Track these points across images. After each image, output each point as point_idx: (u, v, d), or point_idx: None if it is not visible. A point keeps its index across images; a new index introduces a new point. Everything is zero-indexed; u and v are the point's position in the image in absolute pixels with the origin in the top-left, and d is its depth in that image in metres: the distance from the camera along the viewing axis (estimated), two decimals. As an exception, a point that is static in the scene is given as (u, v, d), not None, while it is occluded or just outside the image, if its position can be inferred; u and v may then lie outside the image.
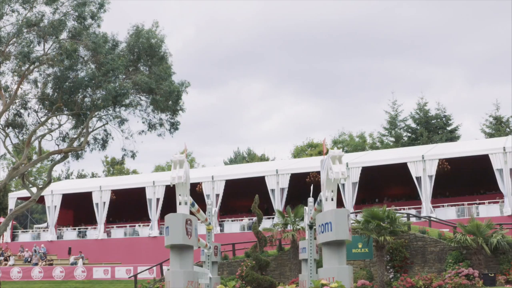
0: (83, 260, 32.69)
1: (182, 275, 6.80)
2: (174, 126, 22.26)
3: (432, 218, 23.33)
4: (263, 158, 56.76)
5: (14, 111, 21.73)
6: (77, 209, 39.34)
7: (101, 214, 34.41)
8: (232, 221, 33.55)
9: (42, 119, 21.71)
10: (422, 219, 24.63)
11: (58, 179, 54.15)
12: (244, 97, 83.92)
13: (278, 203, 30.27)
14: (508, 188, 26.47)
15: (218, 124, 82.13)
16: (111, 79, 20.13)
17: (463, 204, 28.75)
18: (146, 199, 33.39)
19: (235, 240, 24.66)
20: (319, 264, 9.20)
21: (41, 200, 33.75)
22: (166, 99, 20.92)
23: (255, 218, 21.27)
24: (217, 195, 31.70)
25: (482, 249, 17.11)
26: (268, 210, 31.50)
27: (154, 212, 33.03)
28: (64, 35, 19.87)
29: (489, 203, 28.12)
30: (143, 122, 22.15)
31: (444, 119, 46.16)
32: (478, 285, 16.50)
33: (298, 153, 56.16)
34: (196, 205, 8.50)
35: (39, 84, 21.23)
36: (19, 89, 20.86)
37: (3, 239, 36.06)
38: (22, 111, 21.84)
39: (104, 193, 34.63)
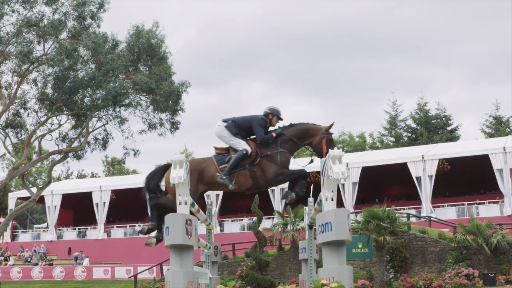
0: (87, 259, 32.76)
1: (182, 275, 6.78)
2: (174, 126, 22.28)
3: (432, 218, 23.33)
4: (263, 158, 56.67)
5: (13, 111, 21.74)
6: (77, 209, 39.35)
7: (101, 214, 34.40)
8: (232, 221, 33.54)
9: (42, 119, 21.71)
10: (422, 219, 24.63)
11: (58, 179, 54.15)
12: (245, 97, 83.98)
13: (278, 203, 30.27)
14: (508, 188, 26.47)
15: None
16: (111, 79, 20.14)
17: (463, 204, 28.75)
18: (146, 199, 33.34)
19: (235, 240, 24.66)
20: (319, 264, 9.20)
21: (41, 200, 33.75)
22: (166, 99, 20.93)
23: (255, 218, 21.26)
24: (217, 195, 31.68)
25: (482, 249, 17.12)
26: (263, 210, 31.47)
27: (154, 212, 32.98)
28: (64, 35, 19.88)
29: (489, 203, 28.12)
30: (143, 122, 22.16)
31: (444, 119, 46.16)
32: (478, 285, 16.51)
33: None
34: (196, 205, 8.49)
35: (39, 84, 21.24)
36: (19, 89, 20.87)
37: (3, 239, 36.07)
38: (21, 111, 21.86)
39: (104, 193, 34.62)
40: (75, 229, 37.16)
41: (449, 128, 45.71)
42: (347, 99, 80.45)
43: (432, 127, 45.78)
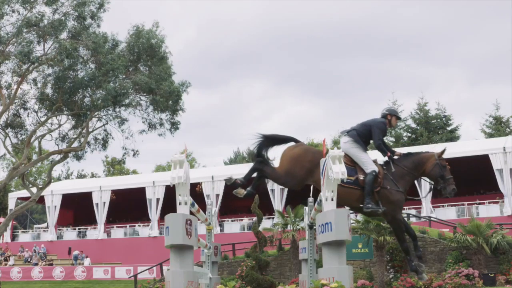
0: (88, 259, 32.77)
1: (182, 275, 6.78)
2: (174, 126, 22.25)
3: (432, 218, 23.32)
4: (263, 158, 56.59)
5: (13, 111, 21.72)
6: (77, 209, 39.35)
7: (101, 214, 34.40)
8: (232, 221, 33.54)
9: (42, 119, 21.69)
10: (422, 219, 24.62)
11: (58, 179, 54.14)
12: (245, 97, 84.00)
13: (278, 203, 30.26)
14: (508, 188, 26.46)
15: (219, 124, 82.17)
16: (111, 79, 20.12)
17: (463, 204, 28.74)
18: (146, 199, 33.38)
19: (235, 240, 24.65)
20: (319, 264, 9.20)
21: (41, 200, 33.76)
22: (166, 99, 20.91)
23: (255, 218, 21.25)
24: (217, 195, 31.68)
25: (482, 249, 17.10)
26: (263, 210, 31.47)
27: (154, 212, 33.02)
28: (64, 35, 19.86)
29: (489, 203, 28.11)
30: (143, 122, 22.15)
31: (444, 119, 46.11)
32: (478, 285, 16.49)
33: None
34: (196, 205, 8.48)
35: (39, 84, 21.22)
36: (19, 89, 20.86)
37: (3, 239, 36.07)
38: (21, 111, 21.84)
39: (104, 193, 34.62)
40: (75, 229, 37.15)
41: (449, 128, 45.65)
42: (347, 99, 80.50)
43: (432, 127, 45.72)
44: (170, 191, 25.60)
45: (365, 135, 8.78)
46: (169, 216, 6.94)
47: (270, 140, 8.74)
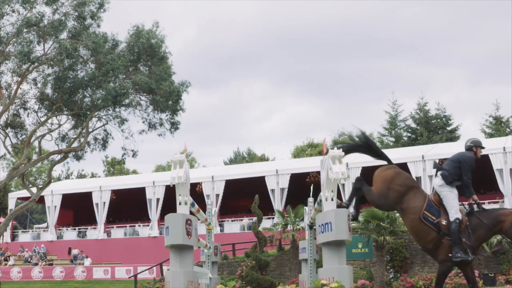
0: (89, 260, 32.76)
1: (182, 275, 6.79)
2: (174, 126, 22.24)
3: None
4: (263, 158, 56.73)
5: (13, 111, 21.71)
6: (77, 209, 39.34)
7: (101, 214, 34.39)
8: (232, 221, 33.52)
9: (42, 119, 21.69)
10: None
11: (58, 179, 54.13)
12: (245, 97, 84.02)
13: (278, 203, 30.25)
14: (508, 188, 26.43)
15: (219, 124, 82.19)
16: (111, 79, 20.11)
17: (463, 204, 28.71)
18: (146, 199, 33.37)
19: (235, 240, 24.66)
20: (319, 264, 9.20)
21: (41, 200, 33.75)
22: (166, 99, 20.90)
23: (255, 218, 21.25)
24: (217, 195, 31.67)
25: (482, 249, 17.10)
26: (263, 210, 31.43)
27: (154, 212, 33.01)
28: (64, 35, 19.86)
29: (489, 203, 28.07)
30: (143, 122, 22.15)
31: (444, 119, 46.10)
32: (478, 285, 16.47)
33: (298, 153, 56.13)
34: (196, 205, 8.49)
35: (39, 84, 21.22)
36: (19, 89, 20.85)
37: (3, 239, 36.06)
38: (21, 111, 21.84)
39: (104, 193, 34.60)
40: (75, 229, 37.14)
41: (449, 128, 45.62)
42: (347, 99, 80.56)
43: (432, 127, 45.70)
44: (170, 191, 25.58)
45: (456, 173, 8.97)
46: (169, 216, 6.95)
47: (366, 147, 8.81)
